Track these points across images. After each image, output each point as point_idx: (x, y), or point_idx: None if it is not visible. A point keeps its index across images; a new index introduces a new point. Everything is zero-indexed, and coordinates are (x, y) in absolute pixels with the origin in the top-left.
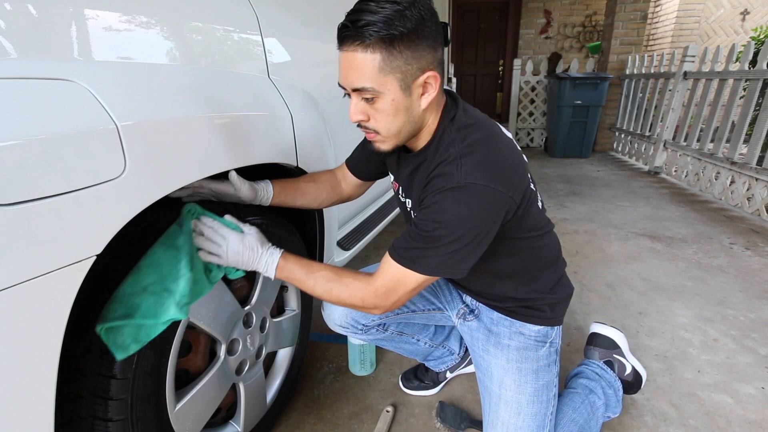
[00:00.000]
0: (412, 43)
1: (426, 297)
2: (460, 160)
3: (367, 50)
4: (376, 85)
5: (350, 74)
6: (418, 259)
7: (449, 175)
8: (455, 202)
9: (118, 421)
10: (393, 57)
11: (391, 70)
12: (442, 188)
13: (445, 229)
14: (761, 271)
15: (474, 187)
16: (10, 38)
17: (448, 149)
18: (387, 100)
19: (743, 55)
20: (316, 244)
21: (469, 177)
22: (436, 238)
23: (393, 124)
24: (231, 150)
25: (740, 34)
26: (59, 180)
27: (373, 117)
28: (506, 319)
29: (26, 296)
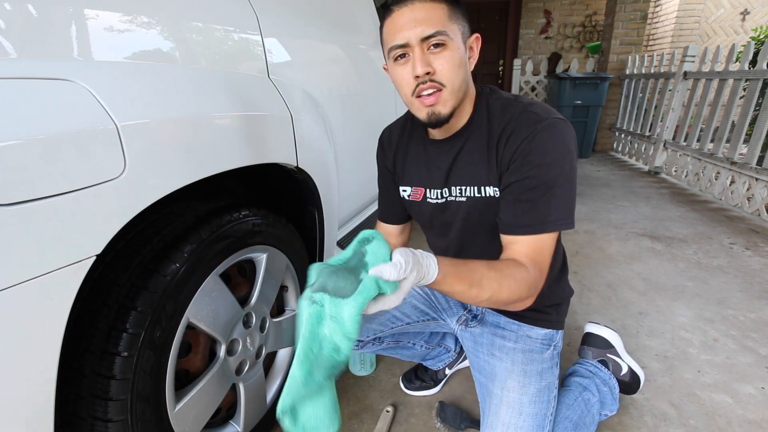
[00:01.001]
0: (461, 7)
1: (420, 309)
2: (530, 108)
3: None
4: (447, 29)
5: (418, 23)
6: (546, 218)
7: (530, 119)
8: (551, 138)
9: (118, 421)
10: (455, 9)
11: (455, 19)
12: (531, 132)
13: (556, 168)
14: (761, 271)
15: (556, 122)
16: (10, 38)
17: (507, 110)
18: (454, 48)
19: (743, 55)
20: (316, 244)
21: (548, 114)
22: (550, 181)
23: (457, 76)
24: (231, 150)
25: (740, 34)
26: (59, 180)
27: (438, 69)
28: (513, 323)
29: (26, 296)
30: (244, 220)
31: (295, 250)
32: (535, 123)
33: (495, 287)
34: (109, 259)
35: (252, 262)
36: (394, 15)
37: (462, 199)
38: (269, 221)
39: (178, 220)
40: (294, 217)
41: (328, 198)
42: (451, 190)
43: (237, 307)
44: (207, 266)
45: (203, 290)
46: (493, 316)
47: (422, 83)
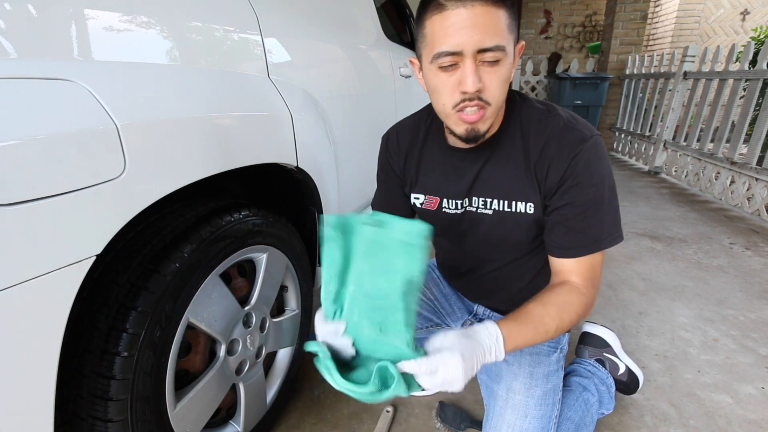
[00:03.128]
0: (516, 8)
1: (424, 315)
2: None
3: (498, 5)
4: (506, 43)
5: (476, 31)
6: (600, 236)
7: (575, 139)
8: (597, 158)
9: (118, 421)
10: (512, 16)
11: (511, 29)
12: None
13: (602, 187)
14: (761, 271)
15: (598, 139)
16: (10, 38)
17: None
18: (507, 63)
19: (743, 55)
20: (316, 244)
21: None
22: (601, 202)
23: (503, 93)
24: (231, 150)
25: (740, 34)
26: (59, 180)
27: (488, 86)
28: None
29: (26, 296)
30: (244, 220)
31: (295, 250)
32: (581, 143)
33: (558, 323)
34: (109, 259)
35: (252, 262)
36: (446, 12)
37: (487, 212)
38: (269, 221)
39: (178, 220)
40: (294, 217)
41: (328, 198)
42: (472, 201)
43: (237, 307)
44: (207, 266)
45: (203, 290)
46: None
47: (469, 99)
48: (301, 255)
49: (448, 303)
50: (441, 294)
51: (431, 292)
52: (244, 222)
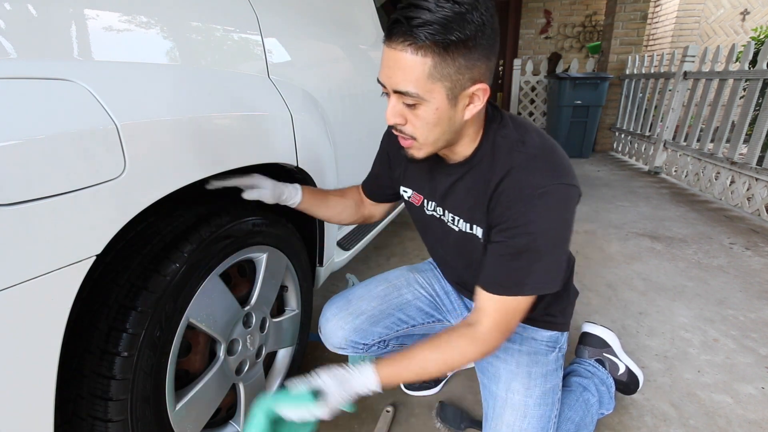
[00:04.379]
0: (468, 51)
1: (425, 311)
2: (531, 166)
3: (418, 52)
4: (421, 92)
5: (395, 74)
6: (524, 280)
7: (526, 184)
8: (545, 208)
9: (118, 421)
10: (445, 64)
11: (441, 77)
12: (522, 199)
13: (543, 239)
14: (761, 271)
15: (559, 189)
16: (10, 38)
17: (512, 157)
18: (430, 109)
19: (743, 55)
20: (316, 244)
21: (550, 179)
22: (534, 250)
23: (431, 133)
24: (231, 150)
25: (740, 34)
26: (59, 180)
27: (411, 122)
28: (519, 325)
29: (26, 296)
30: (244, 220)
31: (295, 250)
32: (533, 189)
33: (439, 368)
34: (109, 259)
35: (252, 262)
36: (386, 45)
37: (454, 228)
38: (269, 221)
39: (178, 220)
40: (294, 217)
41: None
42: (445, 214)
43: (237, 307)
44: (207, 266)
45: (203, 290)
46: None
47: (393, 128)
48: (301, 255)
49: (448, 299)
50: (442, 290)
51: (433, 287)
52: (244, 222)
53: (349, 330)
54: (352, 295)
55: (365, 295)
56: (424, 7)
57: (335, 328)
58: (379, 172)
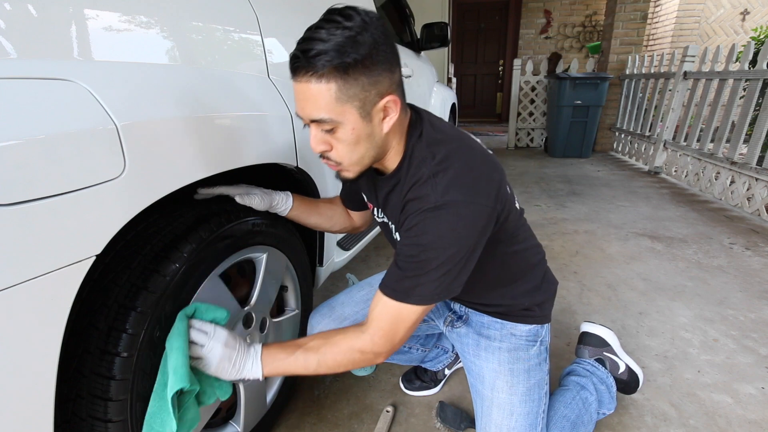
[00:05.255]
0: (367, 69)
1: None
2: (434, 179)
3: (321, 80)
4: (334, 116)
5: (306, 106)
6: (412, 290)
7: (425, 196)
8: (436, 222)
9: (118, 422)
10: (349, 85)
11: (348, 98)
12: (420, 210)
13: (431, 252)
14: (761, 271)
15: (453, 205)
16: (10, 38)
17: (420, 168)
18: (347, 129)
19: (743, 55)
20: (316, 244)
21: (445, 195)
22: (424, 262)
23: (355, 152)
24: (231, 150)
25: (740, 34)
26: (59, 180)
27: (335, 147)
28: (497, 321)
29: (26, 296)
30: (243, 220)
31: (295, 250)
32: (429, 203)
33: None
34: (108, 259)
35: (252, 262)
36: (292, 81)
37: (396, 237)
38: (269, 221)
39: (178, 220)
40: None
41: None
42: (388, 224)
43: (237, 307)
44: (207, 266)
45: (203, 290)
46: (477, 315)
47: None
48: (301, 255)
49: None
50: None
51: None
52: (244, 222)
53: None
54: (335, 302)
55: (347, 300)
56: (316, 38)
57: None
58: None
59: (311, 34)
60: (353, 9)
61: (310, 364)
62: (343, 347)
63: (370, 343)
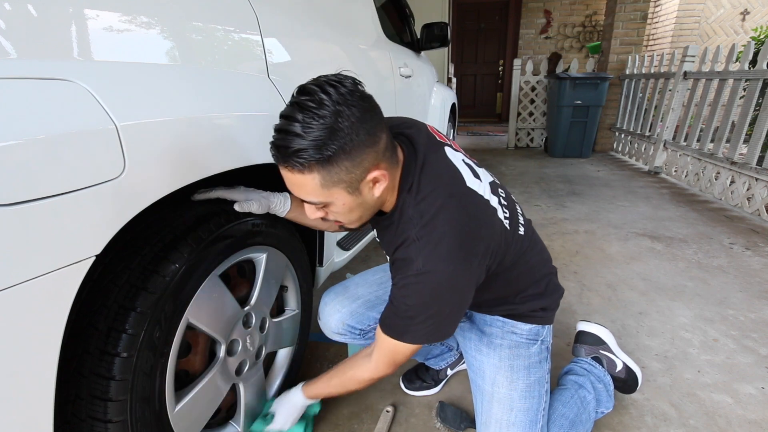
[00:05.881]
0: (349, 153)
1: None
2: (418, 243)
3: (303, 172)
4: (322, 198)
5: (295, 190)
6: (404, 333)
7: (410, 260)
8: (418, 289)
9: (118, 422)
10: (333, 173)
11: (334, 183)
12: (405, 275)
13: (416, 310)
14: (761, 271)
15: (434, 273)
16: (10, 38)
17: (408, 229)
18: (338, 206)
19: (743, 55)
20: (316, 244)
21: (428, 264)
22: (410, 317)
23: (351, 216)
24: (231, 150)
25: (740, 34)
26: (59, 180)
27: (331, 214)
28: (499, 319)
29: (26, 296)
30: (243, 220)
31: (295, 250)
32: (410, 269)
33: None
34: (108, 260)
35: (252, 262)
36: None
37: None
38: (269, 221)
39: (178, 221)
40: None
41: None
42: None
43: (237, 307)
44: (207, 267)
45: (203, 291)
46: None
47: None
48: (300, 255)
49: None
50: None
51: None
52: (244, 222)
53: (346, 313)
54: (349, 283)
55: (362, 282)
56: (293, 133)
57: (332, 311)
58: None
59: (286, 125)
60: (324, 92)
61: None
62: (358, 372)
63: (375, 371)
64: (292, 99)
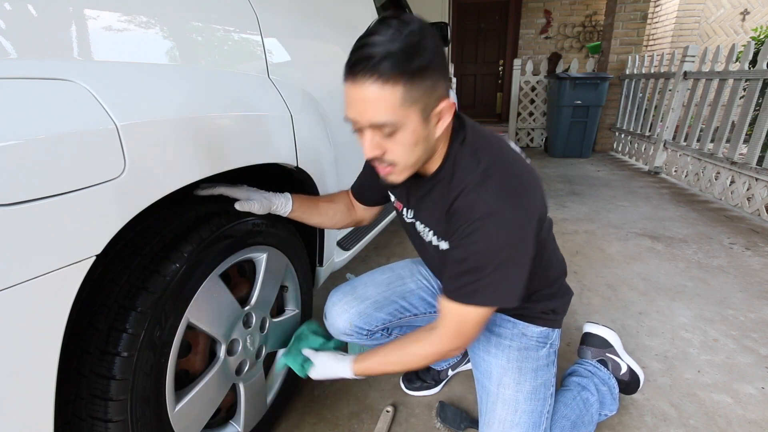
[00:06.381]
0: (429, 74)
1: (427, 300)
2: (482, 187)
3: (386, 84)
4: (397, 118)
5: (367, 109)
6: (473, 293)
7: (474, 204)
8: (485, 232)
9: (118, 422)
10: (413, 89)
11: (413, 102)
12: (470, 219)
13: (484, 259)
14: (761, 271)
15: (500, 213)
16: (10, 38)
17: (466, 176)
18: (408, 132)
19: (743, 55)
20: (316, 244)
21: (494, 204)
22: (478, 268)
23: (412, 155)
24: (231, 150)
25: (740, 34)
26: (59, 180)
27: (390, 150)
28: (509, 320)
29: (26, 296)
30: (244, 220)
31: (295, 250)
32: (479, 211)
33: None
34: (108, 260)
35: (252, 262)
36: (347, 84)
37: (425, 239)
38: (269, 221)
39: (178, 221)
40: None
41: None
42: (418, 224)
43: (237, 307)
44: (207, 266)
45: (203, 291)
46: None
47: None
48: (301, 255)
49: None
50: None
51: (435, 280)
52: (244, 222)
53: (354, 314)
54: (357, 282)
55: (370, 282)
56: (380, 43)
57: (340, 311)
58: (368, 177)
59: (371, 39)
60: (409, 17)
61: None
62: (425, 345)
63: (441, 345)
64: (376, 21)
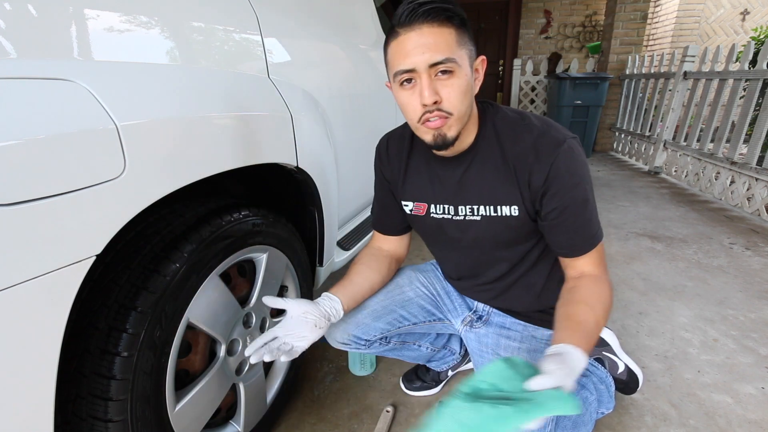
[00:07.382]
0: (468, 27)
1: (427, 309)
2: (545, 128)
3: (443, 26)
4: (456, 56)
5: (427, 49)
6: (593, 232)
7: (553, 143)
8: (572, 158)
9: (118, 421)
10: (462, 34)
11: (462, 45)
12: (557, 158)
13: (582, 185)
14: (761, 271)
15: (574, 141)
16: (10, 38)
17: (521, 131)
18: (461, 75)
19: (743, 55)
20: (316, 244)
21: (564, 134)
22: (584, 200)
23: (463, 103)
24: (231, 150)
25: (740, 34)
26: (59, 180)
27: (446, 97)
28: (519, 323)
29: (26, 296)
30: (244, 220)
31: (295, 250)
32: (556, 147)
33: (602, 321)
34: (109, 259)
35: (252, 262)
36: (400, 38)
37: (475, 218)
38: (269, 221)
39: (178, 220)
40: (294, 217)
41: (328, 198)
42: (458, 210)
43: (237, 307)
44: (207, 266)
45: (203, 290)
46: (499, 317)
47: (429, 111)
48: (301, 255)
49: (449, 299)
50: (443, 290)
51: (434, 287)
52: (244, 222)
53: (352, 324)
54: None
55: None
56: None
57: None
58: (385, 199)
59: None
60: None
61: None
62: (609, 300)
63: (609, 282)
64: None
